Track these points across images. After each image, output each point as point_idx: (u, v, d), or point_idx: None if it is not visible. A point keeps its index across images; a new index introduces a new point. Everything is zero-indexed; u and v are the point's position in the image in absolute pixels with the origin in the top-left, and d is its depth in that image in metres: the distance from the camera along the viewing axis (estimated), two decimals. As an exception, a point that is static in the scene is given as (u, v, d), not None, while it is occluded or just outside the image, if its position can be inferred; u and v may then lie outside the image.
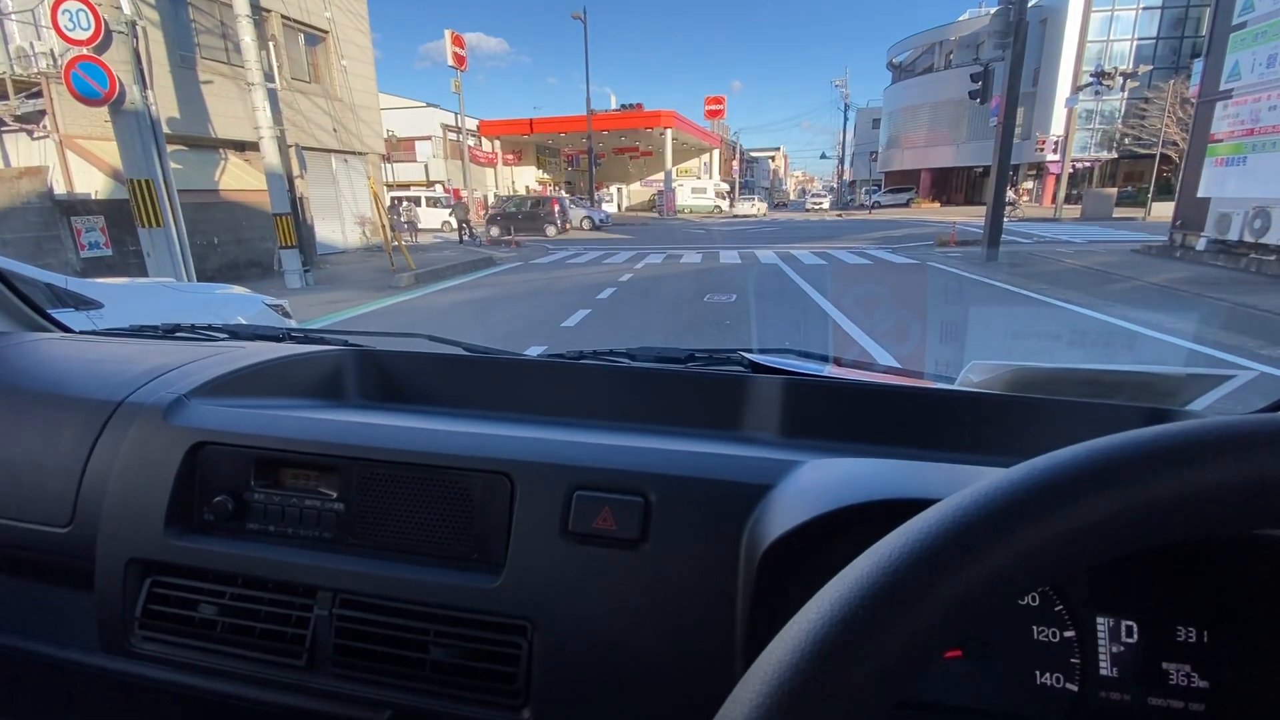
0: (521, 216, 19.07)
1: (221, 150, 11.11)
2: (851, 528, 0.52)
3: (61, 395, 0.81)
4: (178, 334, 1.13)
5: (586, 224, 22.40)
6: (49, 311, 1.17)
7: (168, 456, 0.73)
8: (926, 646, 0.25)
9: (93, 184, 9.21)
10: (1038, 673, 0.56)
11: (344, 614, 0.67)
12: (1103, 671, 0.55)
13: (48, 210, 8.04)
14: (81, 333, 1.13)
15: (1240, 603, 0.54)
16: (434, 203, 22.66)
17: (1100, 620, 0.56)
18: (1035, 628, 0.57)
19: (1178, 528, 0.26)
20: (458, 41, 20.21)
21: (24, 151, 9.37)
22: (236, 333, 1.13)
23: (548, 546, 0.64)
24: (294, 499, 0.72)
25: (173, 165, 7.79)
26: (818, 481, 0.59)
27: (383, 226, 11.06)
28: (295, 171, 10.36)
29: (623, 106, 33.44)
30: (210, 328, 1.14)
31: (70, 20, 6.51)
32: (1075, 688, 0.56)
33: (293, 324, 3.55)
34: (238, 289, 3.85)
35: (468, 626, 0.64)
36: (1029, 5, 10.55)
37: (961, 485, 0.53)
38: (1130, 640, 0.56)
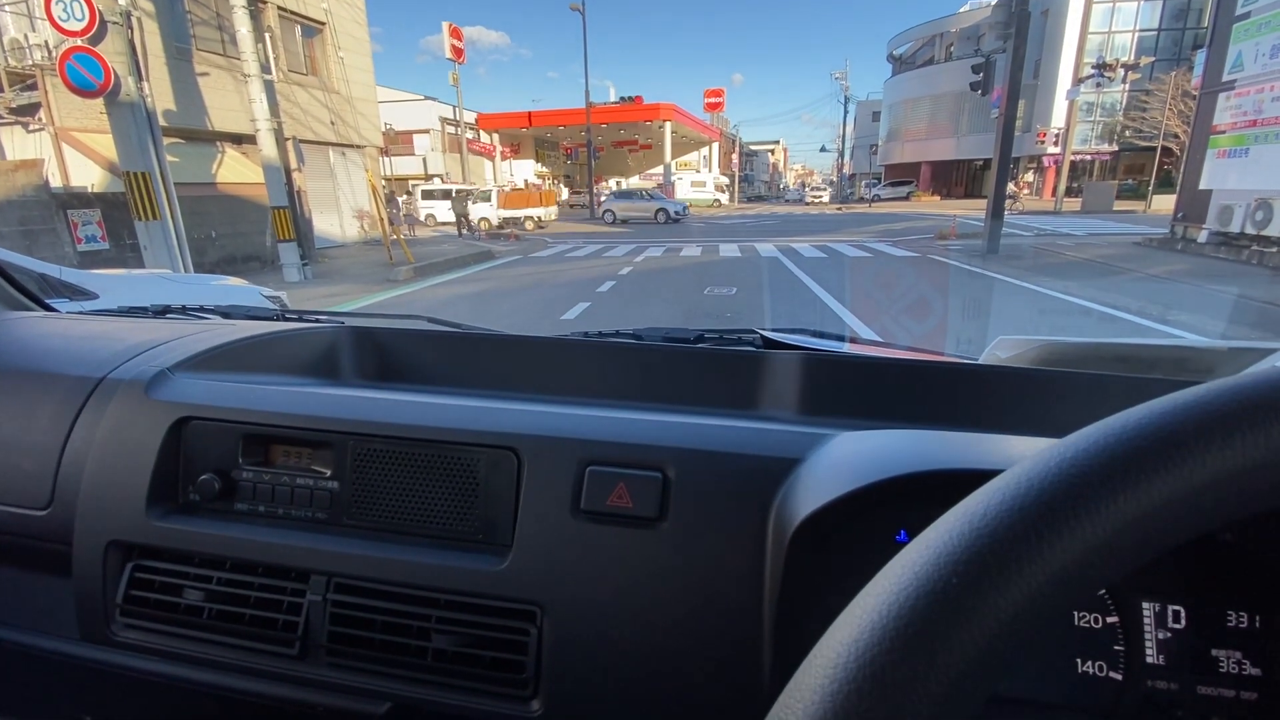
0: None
1: (218, 143, 11.04)
2: (888, 504, 0.48)
3: (41, 372, 0.77)
4: (168, 314, 1.09)
5: (661, 216, 20.72)
6: (31, 290, 1.13)
7: (150, 433, 0.69)
8: (1030, 624, 0.21)
9: (89, 177, 9.15)
10: (1079, 661, 0.53)
11: (339, 599, 0.63)
12: (1148, 659, 0.52)
13: (44, 203, 7.98)
14: (67, 312, 1.09)
15: None
16: (462, 194, 21.95)
17: (1146, 605, 0.53)
18: (1076, 613, 0.53)
19: None
20: (456, 34, 20.12)
21: (19, 144, 9.30)
22: (229, 313, 1.10)
23: (558, 526, 0.60)
24: (285, 477, 0.68)
25: (169, 158, 7.73)
26: (852, 454, 0.55)
27: (381, 220, 11.00)
28: (293, 165, 10.30)
29: (622, 99, 33.24)
30: (202, 308, 1.11)
31: (64, 11, 6.45)
32: (1119, 676, 0.52)
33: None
34: (235, 280, 3.80)
35: (472, 612, 0.61)
36: (1031, -5, 10.48)
37: (1009, 456, 0.47)
38: (1178, 626, 0.52)
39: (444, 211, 21.18)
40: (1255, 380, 0.23)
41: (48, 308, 1.11)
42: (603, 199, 24.30)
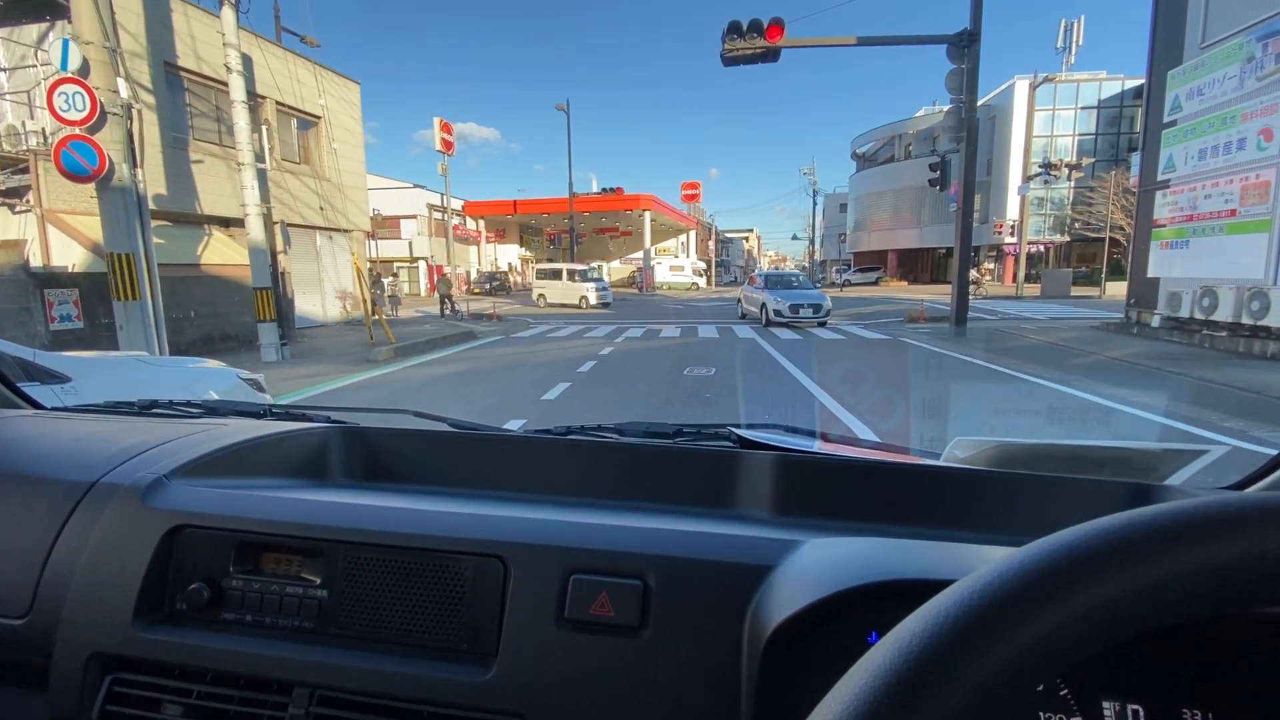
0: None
1: (205, 225, 11.24)
2: (856, 609, 0.51)
3: (31, 476, 0.78)
4: (154, 410, 1.10)
5: (789, 312, 13.62)
6: (19, 386, 1.14)
7: (143, 540, 0.70)
8: None
9: (71, 257, 9.19)
10: None
11: (322, 713, 0.62)
12: None
13: (21, 282, 7.97)
14: (53, 409, 1.09)
15: (1242, 682, 0.53)
16: (575, 275, 21.81)
17: (1106, 705, 0.55)
18: (1041, 714, 0.55)
19: (1193, 606, 0.27)
20: (446, 129, 21.18)
21: (4, 225, 9.37)
22: (215, 409, 1.11)
23: (543, 635, 0.61)
24: (275, 586, 0.68)
25: (155, 240, 7.82)
26: (819, 562, 0.58)
27: (364, 301, 11.12)
28: (279, 247, 10.48)
29: (604, 190, 34.81)
30: (189, 404, 1.12)
31: (66, 102, 6.67)
32: None
33: (267, 398, 3.48)
34: (212, 363, 3.78)
35: None
36: (978, 104, 11.48)
37: (966, 564, 0.52)
38: None
39: (558, 292, 21.61)
40: (1155, 515, 0.28)
41: (35, 404, 1.11)
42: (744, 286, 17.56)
